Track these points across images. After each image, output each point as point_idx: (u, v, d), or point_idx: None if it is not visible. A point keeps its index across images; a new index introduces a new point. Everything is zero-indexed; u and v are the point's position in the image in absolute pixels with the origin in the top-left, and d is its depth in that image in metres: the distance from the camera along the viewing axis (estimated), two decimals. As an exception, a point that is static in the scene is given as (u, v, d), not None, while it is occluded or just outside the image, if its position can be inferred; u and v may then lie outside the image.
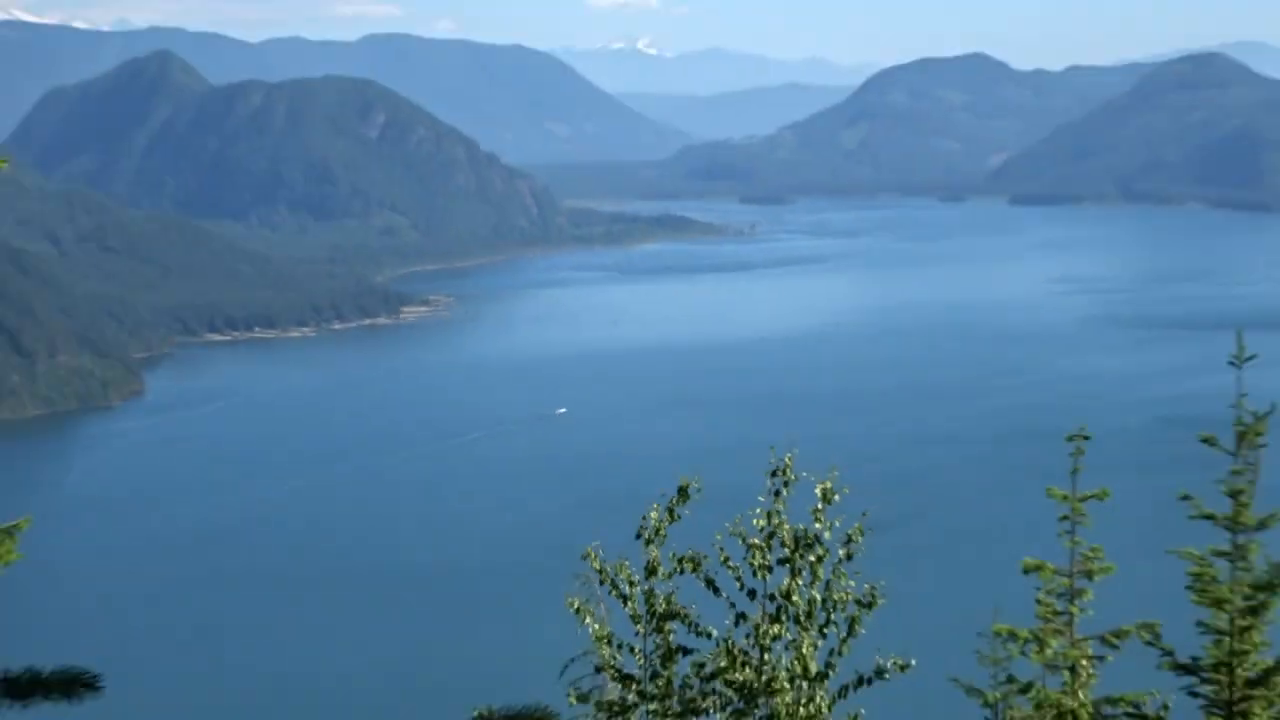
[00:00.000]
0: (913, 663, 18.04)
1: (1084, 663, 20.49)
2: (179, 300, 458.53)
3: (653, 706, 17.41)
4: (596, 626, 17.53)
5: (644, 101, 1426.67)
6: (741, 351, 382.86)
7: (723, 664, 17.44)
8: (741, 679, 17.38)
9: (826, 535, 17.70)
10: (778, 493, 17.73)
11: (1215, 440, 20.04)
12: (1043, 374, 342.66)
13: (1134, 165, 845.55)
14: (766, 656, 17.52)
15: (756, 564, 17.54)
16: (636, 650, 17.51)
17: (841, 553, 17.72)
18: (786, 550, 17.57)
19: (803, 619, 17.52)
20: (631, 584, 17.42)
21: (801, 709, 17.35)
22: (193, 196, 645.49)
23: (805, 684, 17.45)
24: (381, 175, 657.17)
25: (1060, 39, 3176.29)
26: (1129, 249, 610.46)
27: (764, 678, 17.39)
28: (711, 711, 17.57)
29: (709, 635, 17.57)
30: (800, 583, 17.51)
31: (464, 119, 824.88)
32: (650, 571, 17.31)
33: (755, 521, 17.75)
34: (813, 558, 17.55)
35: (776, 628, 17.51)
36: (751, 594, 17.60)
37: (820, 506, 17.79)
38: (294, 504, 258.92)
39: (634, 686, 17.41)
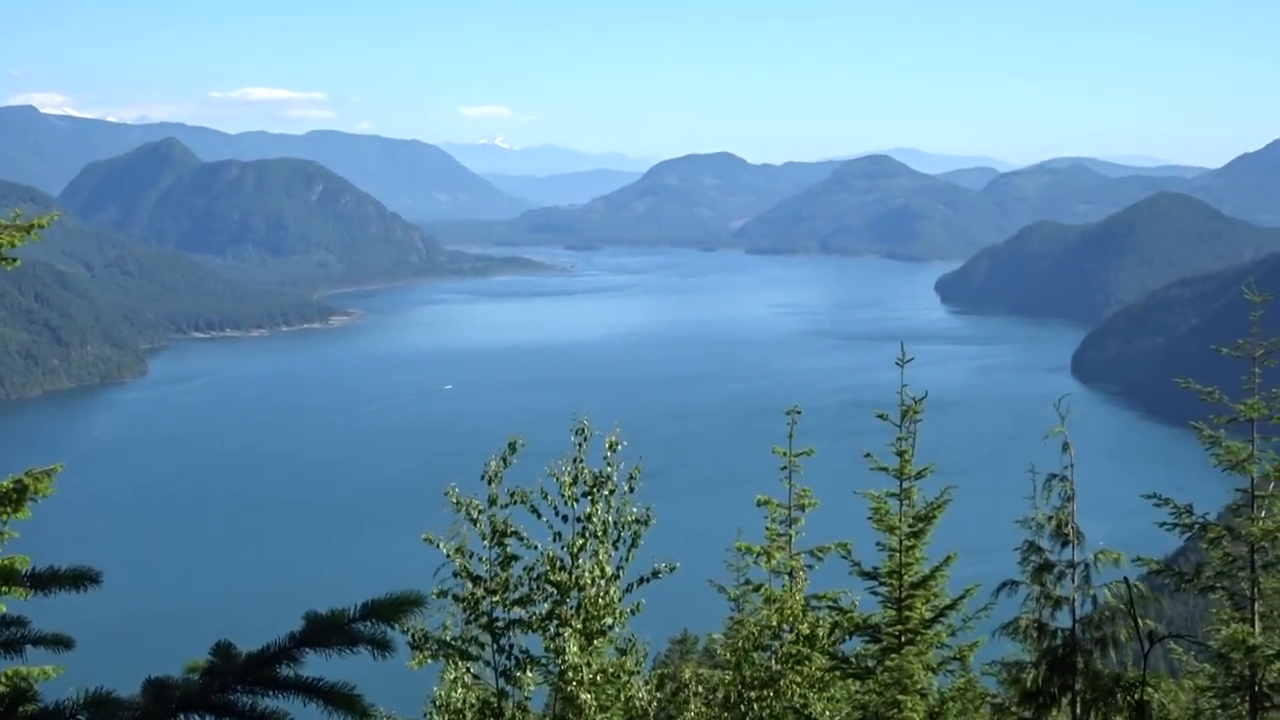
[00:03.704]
0: (678, 566, 18.00)
1: (799, 570, 20.27)
2: (174, 309, 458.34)
3: (495, 598, 16.98)
4: (453, 544, 16.98)
5: (499, 180, 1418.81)
6: (565, 350, 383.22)
7: (545, 568, 17.18)
8: (558, 579, 17.17)
9: (614, 475, 17.54)
10: (580, 445, 17.62)
11: (886, 416, 20.23)
12: (767, 368, 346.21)
13: (830, 229, 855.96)
14: (576, 562, 17.34)
15: (567, 496, 17.39)
16: (484, 559, 17.01)
17: (626, 487, 17.63)
18: (587, 486, 17.47)
19: (601, 535, 17.42)
20: (479, 511, 16.89)
21: (601, 599, 17.26)
22: (186, 238, 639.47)
23: (604, 582, 17.35)
24: (319, 226, 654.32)
25: (782, 142, 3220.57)
26: (826, 285, 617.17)
27: (574, 578, 17.23)
28: (538, 601, 17.23)
29: (535, 547, 17.22)
30: (598, 509, 17.41)
31: (376, 189, 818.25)
32: (491, 502, 16.91)
33: (565, 465, 17.59)
34: (606, 491, 17.46)
35: (582, 542, 17.36)
36: (564, 518, 17.43)
37: (609, 454, 17.71)
38: (249, 452, 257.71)
39: (481, 584, 16.94)
